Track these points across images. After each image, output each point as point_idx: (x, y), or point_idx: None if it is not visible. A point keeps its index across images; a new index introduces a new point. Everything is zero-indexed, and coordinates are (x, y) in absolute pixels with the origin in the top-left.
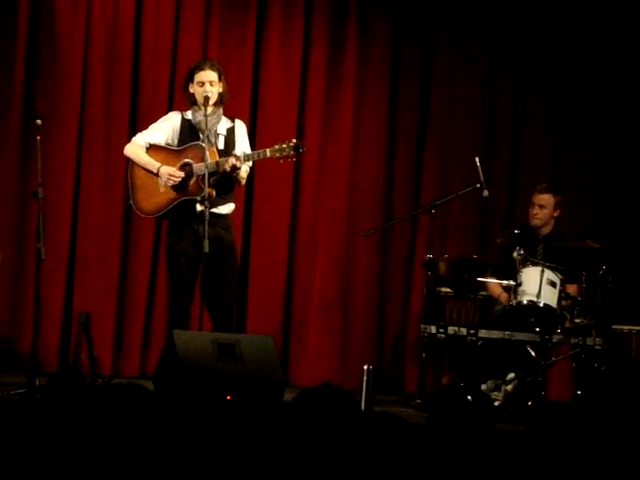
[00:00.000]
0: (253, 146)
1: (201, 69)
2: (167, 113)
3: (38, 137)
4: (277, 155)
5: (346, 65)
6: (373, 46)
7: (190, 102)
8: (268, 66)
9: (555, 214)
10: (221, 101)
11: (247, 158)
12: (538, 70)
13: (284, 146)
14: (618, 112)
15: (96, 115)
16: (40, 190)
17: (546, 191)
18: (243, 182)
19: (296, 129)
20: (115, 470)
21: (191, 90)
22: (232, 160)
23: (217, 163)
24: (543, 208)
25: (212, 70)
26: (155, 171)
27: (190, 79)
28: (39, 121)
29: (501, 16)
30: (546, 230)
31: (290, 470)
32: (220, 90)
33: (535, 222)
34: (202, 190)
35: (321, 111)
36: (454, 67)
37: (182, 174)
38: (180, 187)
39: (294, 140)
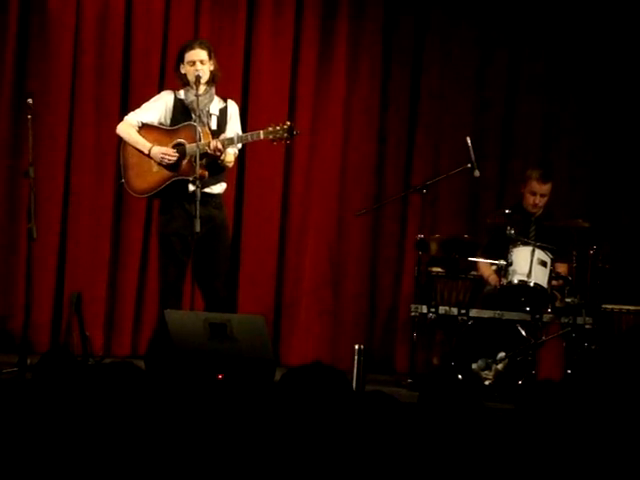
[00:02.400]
0: (244, 128)
1: (191, 48)
2: (158, 93)
3: (29, 116)
4: (271, 137)
5: (338, 46)
6: (365, 26)
7: (182, 82)
8: (260, 48)
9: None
10: (213, 80)
11: (240, 140)
12: (531, 45)
13: (278, 128)
14: (611, 89)
15: (87, 94)
16: (31, 169)
17: (547, 180)
18: (230, 165)
19: (288, 110)
20: (106, 449)
21: (182, 70)
22: (214, 143)
23: (209, 144)
24: (544, 197)
25: (202, 48)
26: (146, 152)
27: (181, 59)
28: (30, 100)
29: None
30: (538, 211)
31: (280, 448)
32: (211, 68)
33: (537, 210)
34: (194, 170)
35: (312, 92)
36: (446, 47)
37: (177, 154)
38: (173, 167)
39: (288, 122)
